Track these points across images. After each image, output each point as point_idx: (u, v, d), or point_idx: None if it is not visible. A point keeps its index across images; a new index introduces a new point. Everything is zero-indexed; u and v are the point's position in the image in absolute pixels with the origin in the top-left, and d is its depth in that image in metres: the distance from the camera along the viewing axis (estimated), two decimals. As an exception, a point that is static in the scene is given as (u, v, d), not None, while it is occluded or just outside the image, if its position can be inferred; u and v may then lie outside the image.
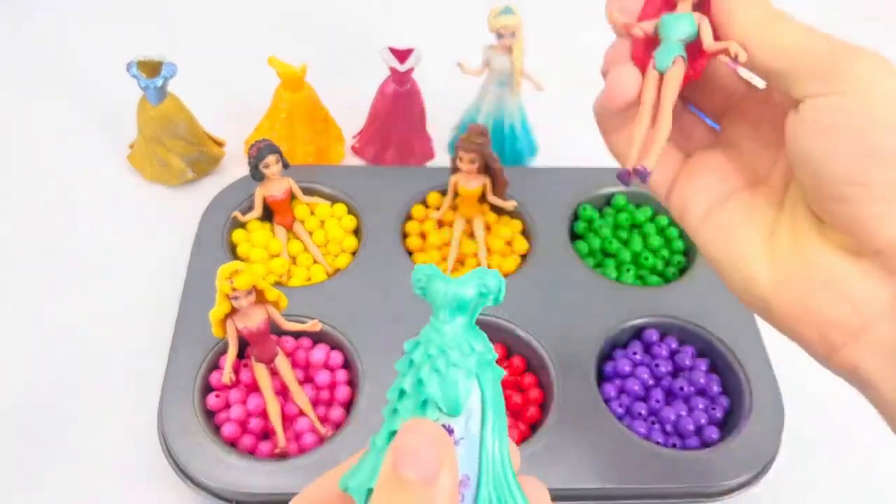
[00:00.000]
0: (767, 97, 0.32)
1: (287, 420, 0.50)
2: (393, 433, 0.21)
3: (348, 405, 0.51)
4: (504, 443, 0.22)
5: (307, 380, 0.52)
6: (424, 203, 0.62)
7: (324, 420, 0.50)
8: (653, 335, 0.55)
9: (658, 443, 0.50)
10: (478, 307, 0.22)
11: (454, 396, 0.21)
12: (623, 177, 0.30)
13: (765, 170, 0.32)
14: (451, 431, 0.21)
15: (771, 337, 0.54)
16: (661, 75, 0.29)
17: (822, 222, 0.28)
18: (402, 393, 0.22)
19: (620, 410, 0.51)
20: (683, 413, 0.51)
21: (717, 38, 0.28)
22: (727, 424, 0.51)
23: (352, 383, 0.52)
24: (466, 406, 0.21)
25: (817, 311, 0.28)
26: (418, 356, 0.22)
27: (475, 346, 0.22)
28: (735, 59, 0.27)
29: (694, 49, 0.29)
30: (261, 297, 0.48)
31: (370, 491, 0.21)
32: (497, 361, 0.23)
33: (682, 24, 0.28)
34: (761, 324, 0.55)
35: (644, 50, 0.30)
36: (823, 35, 0.27)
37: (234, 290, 0.45)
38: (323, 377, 0.51)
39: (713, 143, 0.34)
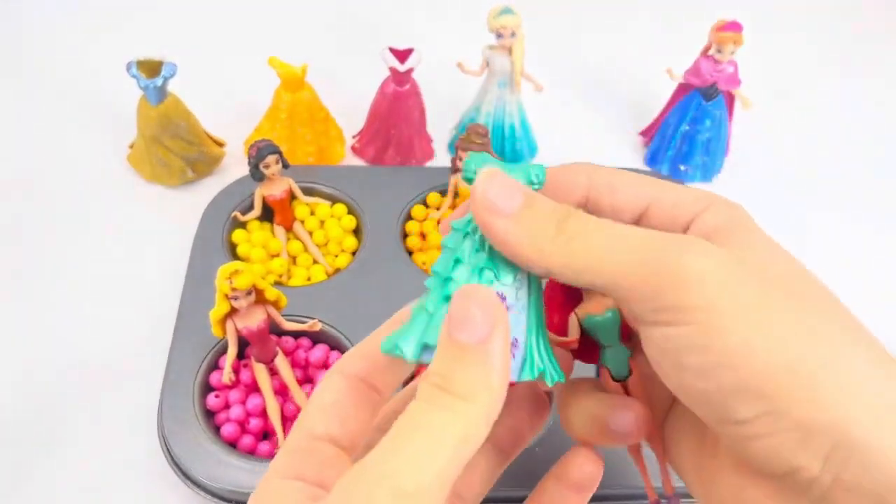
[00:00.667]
0: None
1: (287, 420, 0.50)
2: (447, 297, 0.22)
3: (348, 405, 0.51)
4: (542, 315, 0.23)
5: (307, 380, 0.52)
6: (424, 203, 0.62)
7: (324, 420, 0.50)
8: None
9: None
10: None
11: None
12: None
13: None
14: (503, 298, 0.22)
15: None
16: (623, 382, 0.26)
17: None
18: (456, 262, 0.22)
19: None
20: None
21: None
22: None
23: (352, 383, 0.52)
24: (517, 276, 0.22)
25: None
26: (472, 226, 0.23)
27: None
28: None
29: (624, 330, 0.26)
30: (260, 297, 0.48)
31: (425, 346, 0.22)
32: None
33: (613, 325, 0.25)
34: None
35: (584, 351, 0.27)
36: (638, 238, 0.22)
37: (233, 290, 0.45)
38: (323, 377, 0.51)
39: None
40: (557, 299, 0.27)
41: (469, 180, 0.23)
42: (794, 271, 0.23)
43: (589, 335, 0.26)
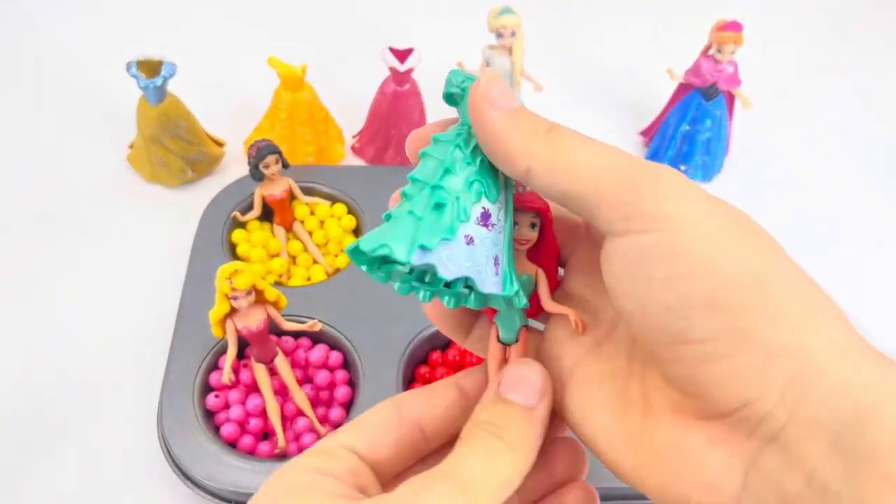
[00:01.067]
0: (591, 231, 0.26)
1: (286, 420, 0.50)
2: (439, 206, 0.22)
3: (348, 405, 0.51)
4: (512, 238, 0.25)
5: (306, 380, 0.52)
6: (424, 203, 0.62)
7: (323, 420, 0.50)
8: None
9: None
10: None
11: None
12: None
13: (607, 325, 0.26)
14: (488, 216, 0.23)
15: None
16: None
17: (668, 384, 0.23)
18: (446, 171, 0.23)
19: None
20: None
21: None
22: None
23: (351, 383, 0.52)
24: (500, 197, 0.24)
25: (685, 501, 0.22)
26: (464, 138, 0.24)
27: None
28: (577, 327, 0.24)
29: (530, 300, 0.25)
30: (260, 297, 0.48)
31: (422, 247, 0.22)
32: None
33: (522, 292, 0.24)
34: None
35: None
36: (621, 153, 0.22)
37: (233, 290, 0.45)
38: (322, 377, 0.51)
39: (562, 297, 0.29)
40: None
41: (450, 95, 0.24)
42: (738, 210, 0.23)
43: None
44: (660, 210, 0.21)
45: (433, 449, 0.25)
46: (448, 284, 0.24)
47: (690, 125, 0.67)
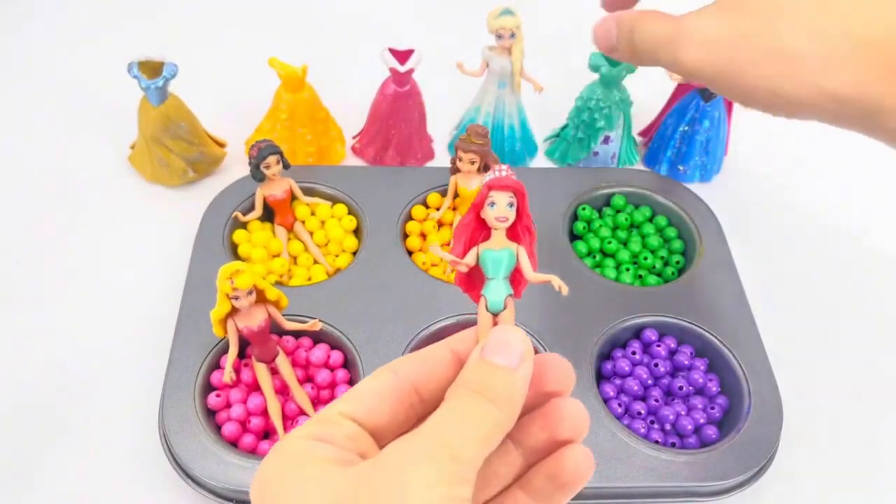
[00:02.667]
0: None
1: (287, 419, 0.50)
2: None
3: (348, 404, 0.51)
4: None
5: (307, 379, 0.52)
6: (424, 203, 0.63)
7: (324, 419, 0.50)
8: (652, 335, 0.55)
9: (657, 442, 0.50)
10: None
11: None
12: None
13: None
14: None
15: (770, 337, 0.55)
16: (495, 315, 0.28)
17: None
18: None
19: (619, 410, 0.51)
20: (682, 412, 0.51)
21: None
22: (726, 424, 0.52)
23: (352, 383, 0.52)
24: None
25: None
26: None
27: None
28: (560, 290, 0.27)
29: (514, 275, 0.28)
30: (261, 297, 0.48)
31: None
32: None
33: (503, 262, 0.27)
34: (761, 324, 0.55)
35: (468, 281, 0.29)
36: None
37: (234, 289, 0.45)
38: (323, 376, 0.51)
39: None
40: (472, 234, 0.29)
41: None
42: None
43: (480, 267, 0.28)
44: None
45: (430, 411, 0.25)
46: None
47: (689, 126, 0.67)
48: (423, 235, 0.61)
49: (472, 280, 0.29)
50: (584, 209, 0.63)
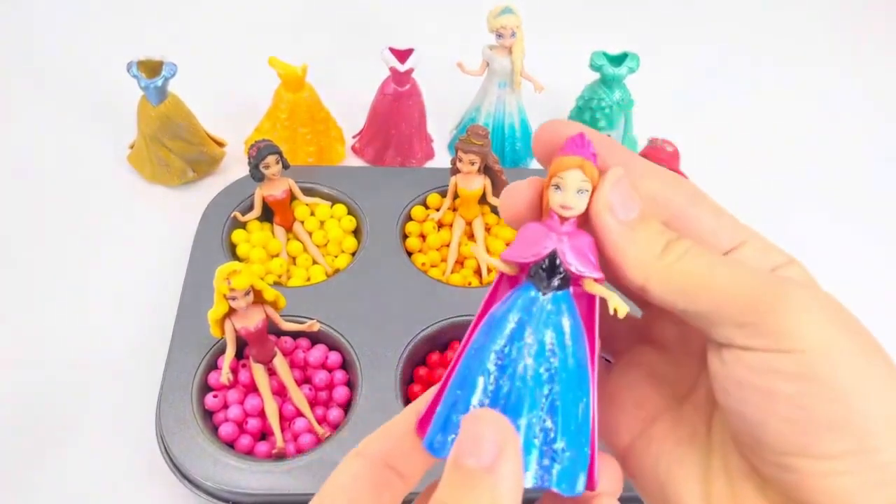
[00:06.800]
0: None
1: (285, 420, 0.50)
2: None
3: (346, 406, 0.51)
4: None
5: (305, 380, 0.52)
6: (424, 203, 0.62)
7: (322, 421, 0.50)
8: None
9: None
10: None
11: None
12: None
13: (689, 383, 0.26)
14: None
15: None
16: None
17: (761, 477, 0.23)
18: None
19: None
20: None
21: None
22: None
23: (350, 384, 0.52)
24: None
25: None
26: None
27: None
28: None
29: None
30: (259, 298, 0.48)
31: None
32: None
33: None
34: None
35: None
36: (741, 267, 0.22)
37: (232, 290, 0.45)
38: (321, 377, 0.51)
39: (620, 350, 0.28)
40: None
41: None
42: (862, 327, 0.23)
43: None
44: (790, 332, 0.20)
45: (411, 487, 0.23)
46: None
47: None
48: (423, 236, 0.61)
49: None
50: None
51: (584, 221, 0.23)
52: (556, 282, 0.22)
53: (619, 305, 0.22)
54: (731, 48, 0.85)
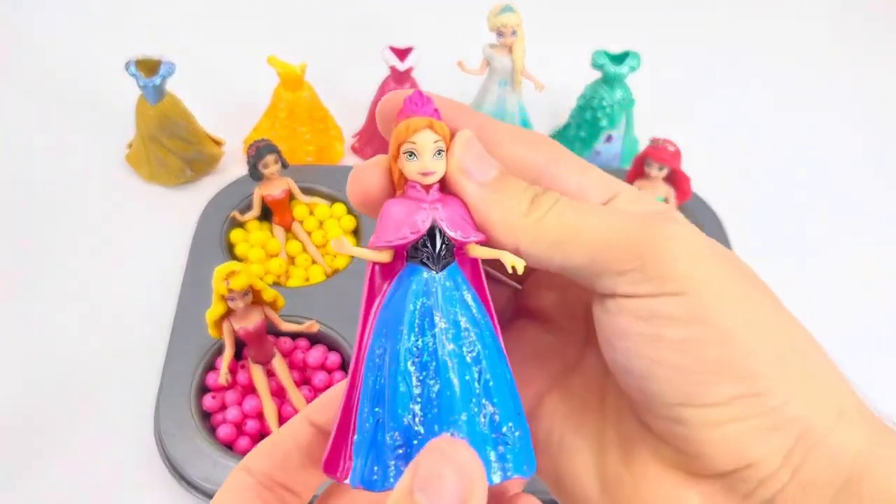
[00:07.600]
0: None
1: (283, 422, 0.49)
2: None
3: (346, 407, 0.51)
4: None
5: (304, 381, 0.51)
6: (424, 203, 0.62)
7: (321, 422, 0.50)
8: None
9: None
10: None
11: None
12: None
13: (576, 352, 0.24)
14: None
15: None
16: None
17: (654, 435, 0.21)
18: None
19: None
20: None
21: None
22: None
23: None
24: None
25: None
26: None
27: None
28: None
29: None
30: (257, 298, 0.47)
31: None
32: None
33: None
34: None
35: None
36: (614, 213, 0.21)
37: (230, 290, 0.45)
38: (320, 378, 0.51)
39: (518, 310, 0.26)
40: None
41: None
42: (743, 264, 0.22)
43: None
44: (672, 274, 0.19)
45: (309, 499, 0.22)
46: None
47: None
48: (423, 236, 0.61)
49: None
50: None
51: (445, 185, 0.21)
52: (445, 256, 0.21)
53: (515, 261, 0.20)
54: (733, 48, 0.85)
